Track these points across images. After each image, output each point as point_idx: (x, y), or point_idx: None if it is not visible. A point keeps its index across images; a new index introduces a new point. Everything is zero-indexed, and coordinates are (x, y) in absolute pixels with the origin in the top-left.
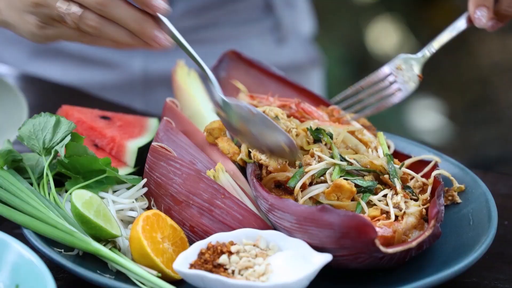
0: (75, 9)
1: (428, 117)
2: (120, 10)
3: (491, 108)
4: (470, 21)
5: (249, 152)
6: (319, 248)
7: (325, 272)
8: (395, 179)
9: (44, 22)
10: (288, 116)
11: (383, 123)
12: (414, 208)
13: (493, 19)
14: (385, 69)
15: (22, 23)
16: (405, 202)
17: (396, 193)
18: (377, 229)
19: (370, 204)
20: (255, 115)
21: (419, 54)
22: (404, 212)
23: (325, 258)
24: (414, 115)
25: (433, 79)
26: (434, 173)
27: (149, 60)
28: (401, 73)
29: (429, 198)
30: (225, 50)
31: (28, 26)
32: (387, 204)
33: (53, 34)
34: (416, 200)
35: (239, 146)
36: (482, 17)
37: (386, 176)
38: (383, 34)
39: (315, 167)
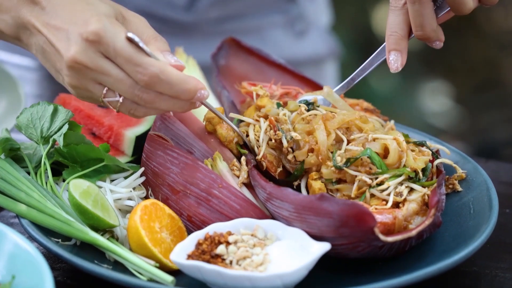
0: (116, 98)
1: (436, 100)
2: (167, 103)
3: (499, 90)
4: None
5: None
6: (317, 237)
7: (324, 262)
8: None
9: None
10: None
11: (390, 106)
12: (415, 195)
13: (428, 42)
14: None
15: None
16: (409, 190)
17: (415, 179)
18: (377, 215)
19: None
20: None
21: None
22: (405, 199)
23: (324, 247)
24: (422, 98)
25: (440, 61)
26: (436, 161)
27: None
28: None
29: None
30: (249, 41)
31: (60, 79)
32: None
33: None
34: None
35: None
36: (394, 61)
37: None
38: None
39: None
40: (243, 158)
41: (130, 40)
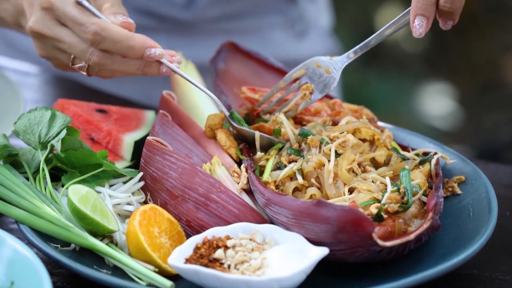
0: (82, 63)
1: (439, 102)
2: (119, 64)
3: (502, 91)
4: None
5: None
6: (316, 243)
7: (323, 266)
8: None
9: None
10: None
11: (392, 108)
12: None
13: (440, 18)
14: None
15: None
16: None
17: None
18: None
19: None
20: None
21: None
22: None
23: (322, 251)
24: (424, 100)
25: (443, 63)
26: (432, 163)
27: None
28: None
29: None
30: (248, 41)
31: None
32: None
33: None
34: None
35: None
36: (419, 26)
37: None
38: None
39: None
40: (243, 165)
41: (78, 3)
